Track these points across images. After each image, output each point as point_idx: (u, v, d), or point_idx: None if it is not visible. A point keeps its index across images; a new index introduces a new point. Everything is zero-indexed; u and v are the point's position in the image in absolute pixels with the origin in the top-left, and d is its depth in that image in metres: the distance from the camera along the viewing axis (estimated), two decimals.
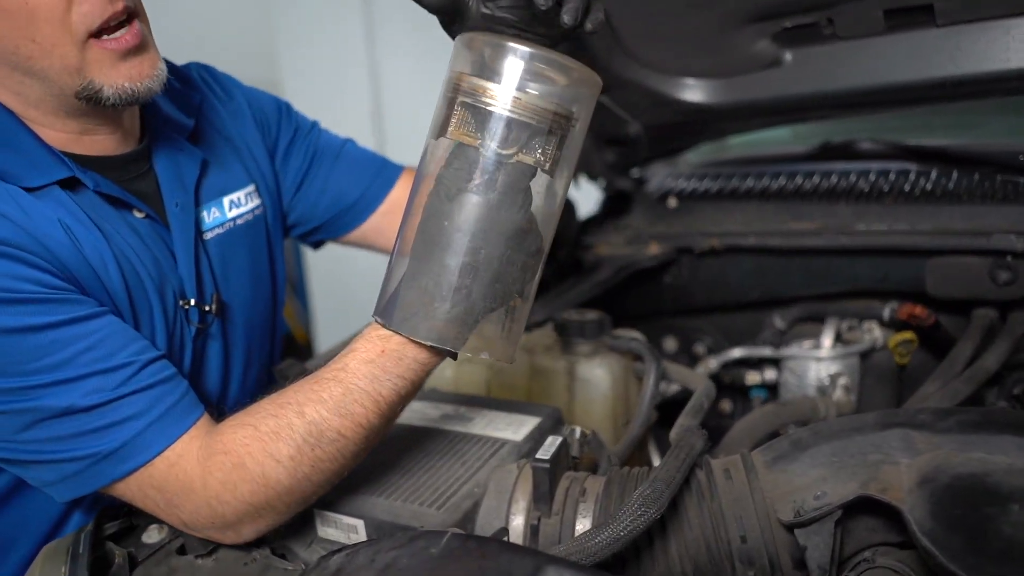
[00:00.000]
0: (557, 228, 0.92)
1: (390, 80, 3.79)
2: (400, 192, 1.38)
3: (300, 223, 1.37)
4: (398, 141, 3.82)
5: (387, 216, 1.38)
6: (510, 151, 0.81)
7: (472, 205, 0.82)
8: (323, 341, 4.34)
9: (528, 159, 0.82)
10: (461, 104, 0.82)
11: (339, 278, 4.12)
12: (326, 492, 0.94)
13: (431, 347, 0.87)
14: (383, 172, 1.39)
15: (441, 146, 0.85)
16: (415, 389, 0.92)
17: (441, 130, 0.85)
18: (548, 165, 0.83)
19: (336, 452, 0.89)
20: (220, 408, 1.18)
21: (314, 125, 1.39)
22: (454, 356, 0.91)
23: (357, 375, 0.88)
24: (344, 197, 1.36)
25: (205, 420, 0.92)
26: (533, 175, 0.83)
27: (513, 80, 0.80)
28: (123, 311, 0.99)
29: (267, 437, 0.87)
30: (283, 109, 1.35)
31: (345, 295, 4.08)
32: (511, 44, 0.81)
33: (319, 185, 1.35)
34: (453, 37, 0.88)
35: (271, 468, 0.87)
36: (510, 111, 0.80)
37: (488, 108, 0.81)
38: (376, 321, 0.89)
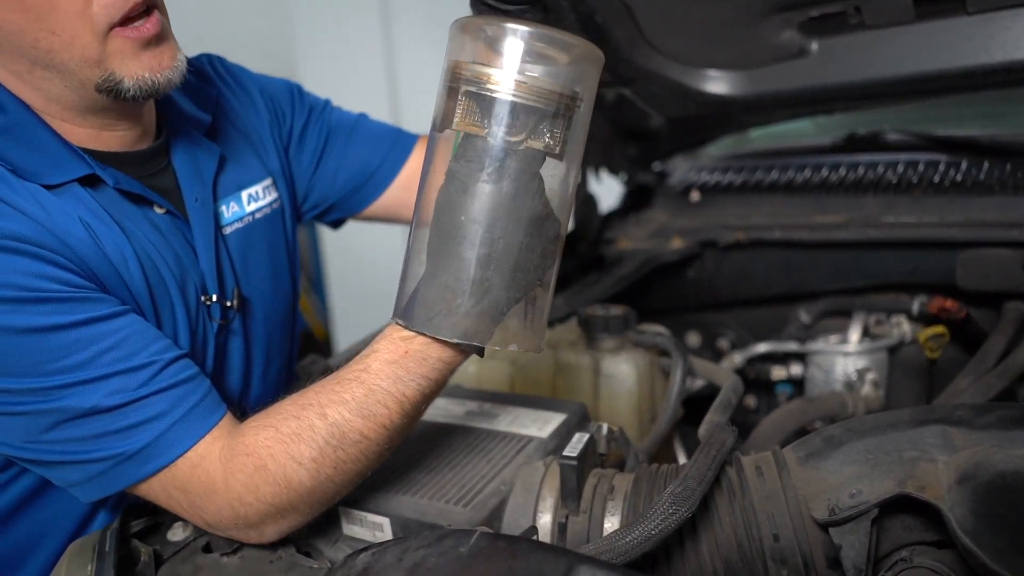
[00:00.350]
0: (578, 221, 0.90)
1: (406, 73, 3.79)
2: (417, 161, 1.36)
3: (320, 203, 1.36)
4: (414, 129, 3.81)
5: (406, 188, 1.37)
6: (519, 137, 0.79)
7: (486, 195, 0.80)
8: (342, 337, 4.35)
9: (538, 144, 0.80)
10: (465, 94, 0.80)
11: (357, 273, 4.13)
12: (350, 492, 0.93)
13: (456, 345, 0.86)
14: (399, 142, 1.37)
15: (446, 138, 0.83)
16: (440, 388, 0.91)
17: (445, 122, 0.83)
18: (558, 149, 0.81)
19: (359, 453, 0.88)
20: (242, 406, 1.18)
21: (327, 103, 1.38)
22: (480, 352, 0.90)
23: (380, 376, 0.87)
24: (362, 171, 1.35)
25: (228, 420, 0.92)
26: (544, 160, 0.81)
27: (515, 63, 0.78)
28: (144, 309, 0.98)
29: (289, 439, 0.86)
30: (295, 92, 1.34)
31: (363, 290, 4.08)
32: (509, 24, 0.78)
33: (335, 162, 1.34)
34: None
35: (293, 470, 0.86)
36: (515, 96, 0.78)
37: (492, 95, 0.78)
38: (397, 323, 0.87)
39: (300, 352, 1.37)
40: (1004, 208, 1.51)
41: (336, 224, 1.44)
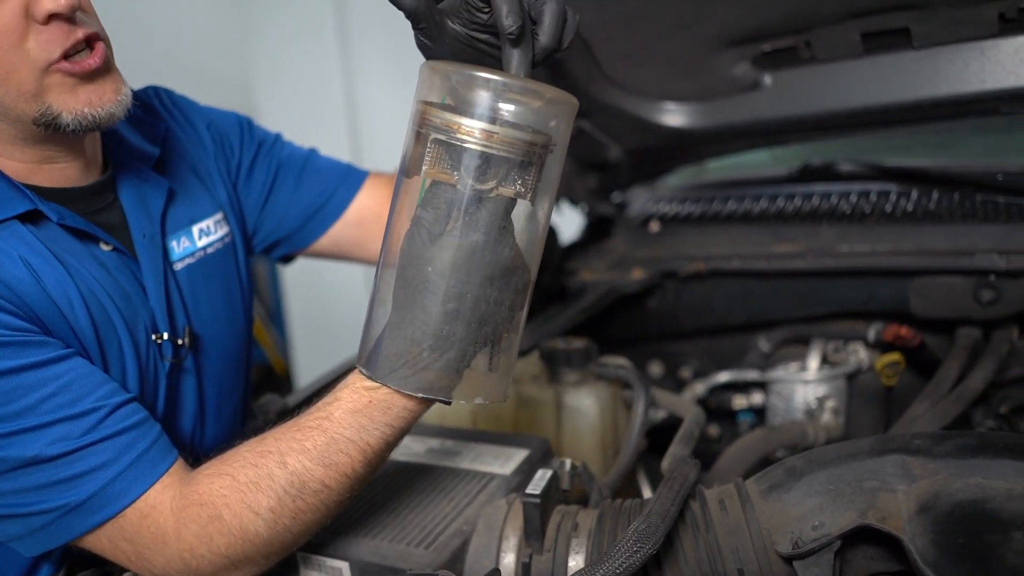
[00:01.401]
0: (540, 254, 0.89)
1: (366, 105, 3.79)
2: (366, 197, 1.34)
3: (268, 238, 1.34)
4: (374, 165, 3.81)
5: (354, 224, 1.34)
6: (489, 185, 0.78)
7: (454, 247, 0.78)
8: (302, 370, 4.29)
9: (508, 191, 0.78)
10: (434, 141, 0.78)
11: (318, 307, 4.08)
12: (307, 540, 0.90)
13: (421, 397, 0.84)
14: (348, 178, 1.35)
15: (415, 184, 0.81)
16: (403, 435, 0.88)
17: (413, 167, 0.81)
18: (529, 195, 0.79)
19: (319, 503, 0.85)
20: (195, 449, 1.15)
21: (277, 137, 1.35)
22: (447, 402, 0.88)
23: (342, 424, 0.84)
24: (310, 205, 1.33)
25: (179, 466, 0.88)
26: (514, 207, 0.80)
27: (485, 114, 0.77)
28: (91, 350, 0.95)
29: (246, 488, 0.83)
30: (244, 125, 1.31)
31: (324, 324, 4.04)
32: (480, 75, 0.77)
33: (285, 197, 1.31)
34: (425, 42, 0.84)
35: (249, 520, 0.83)
36: (485, 146, 0.76)
37: (463, 144, 0.77)
38: (361, 372, 0.85)
39: (258, 387, 1.34)
40: (954, 237, 1.54)
41: (285, 260, 1.42)
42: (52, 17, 0.85)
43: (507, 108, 0.77)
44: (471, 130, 0.76)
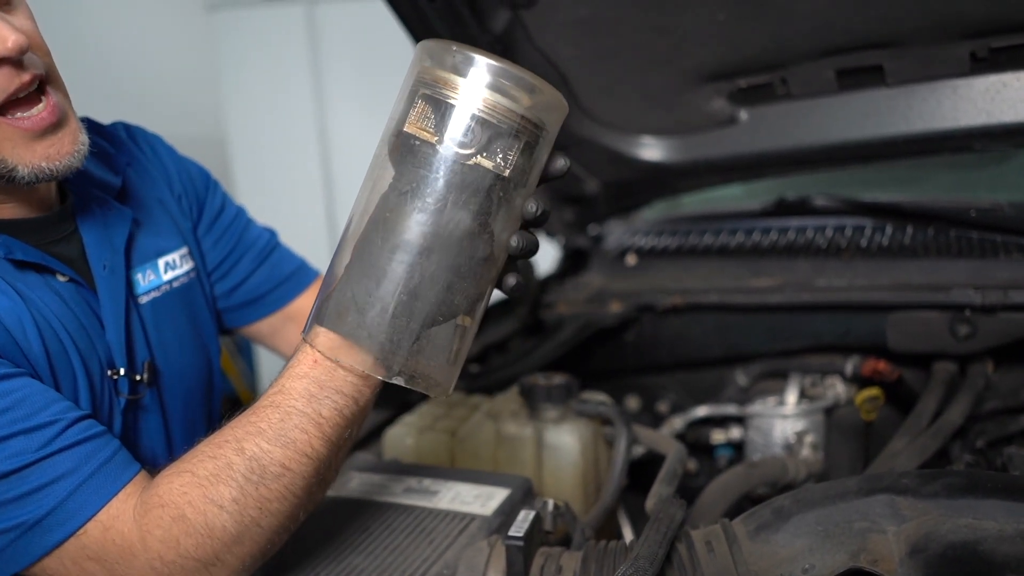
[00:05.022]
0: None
1: (338, 137, 3.78)
2: (308, 300, 1.33)
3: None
4: (347, 196, 3.79)
5: (288, 320, 1.34)
6: (468, 151, 0.75)
7: (421, 211, 0.76)
8: None
9: (487, 163, 0.76)
10: (422, 96, 0.76)
11: None
12: (282, 542, 0.86)
13: (365, 352, 0.79)
14: (297, 274, 1.35)
15: (390, 150, 0.78)
16: (359, 411, 0.84)
17: (398, 124, 0.78)
18: (507, 172, 0.76)
19: (283, 489, 0.81)
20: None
21: (239, 212, 1.34)
22: (391, 377, 0.81)
23: (293, 395, 0.81)
24: (254, 291, 1.32)
25: (142, 477, 0.85)
26: (492, 182, 0.77)
27: (482, 78, 0.75)
28: (43, 378, 0.91)
29: (207, 481, 0.79)
30: (211, 183, 1.30)
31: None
32: (477, 56, 0.75)
33: (237, 275, 1.30)
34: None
35: (214, 515, 0.79)
36: (474, 107, 0.74)
37: (449, 101, 0.75)
38: (304, 340, 0.82)
39: (225, 418, 1.30)
40: (929, 271, 1.55)
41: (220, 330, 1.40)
42: (0, 62, 0.84)
43: (500, 93, 0.75)
44: (463, 89, 0.74)
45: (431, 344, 0.80)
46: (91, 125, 1.11)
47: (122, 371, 1.02)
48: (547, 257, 2.07)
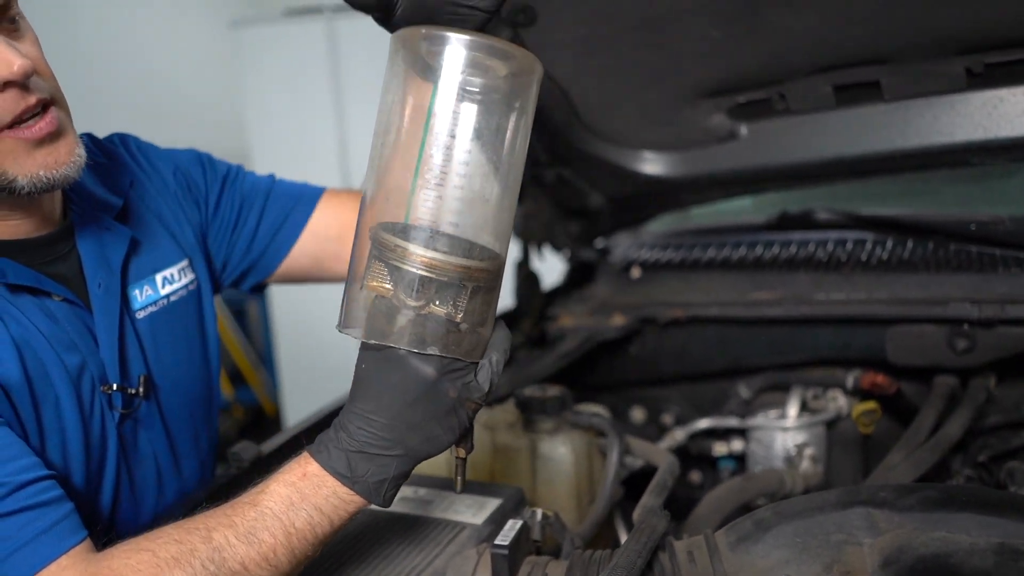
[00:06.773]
0: (521, 298, 0.90)
1: (358, 149, 3.83)
2: (322, 215, 1.34)
3: (237, 268, 1.33)
4: None
5: (316, 236, 1.34)
6: (419, 303, 0.81)
7: (386, 360, 0.82)
8: (291, 413, 4.26)
9: (439, 311, 0.82)
10: (372, 256, 0.83)
11: (308, 348, 4.07)
12: None
13: (351, 484, 0.83)
14: (303, 197, 1.36)
15: (362, 295, 0.85)
16: (331, 532, 0.85)
17: (360, 270, 0.85)
18: (460, 316, 0.83)
19: None
20: (161, 494, 1.14)
21: (239, 169, 1.35)
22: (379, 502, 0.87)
23: (273, 497, 0.83)
24: (270, 229, 1.33)
25: (85, 547, 0.84)
26: (447, 328, 0.83)
27: (423, 236, 0.81)
28: (20, 402, 0.93)
29: (165, 564, 0.79)
30: (205, 162, 1.31)
31: (313, 366, 4.03)
32: (448, 34, 0.80)
33: (251, 226, 1.32)
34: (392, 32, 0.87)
35: None
36: (419, 269, 0.81)
37: (399, 265, 0.81)
38: (306, 448, 0.86)
39: (247, 429, 1.33)
40: (928, 285, 1.56)
41: (256, 289, 1.41)
42: (7, 85, 0.87)
43: (473, 70, 0.80)
44: (409, 252, 0.80)
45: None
46: (91, 141, 1.14)
47: (115, 386, 1.04)
48: (553, 270, 2.10)
